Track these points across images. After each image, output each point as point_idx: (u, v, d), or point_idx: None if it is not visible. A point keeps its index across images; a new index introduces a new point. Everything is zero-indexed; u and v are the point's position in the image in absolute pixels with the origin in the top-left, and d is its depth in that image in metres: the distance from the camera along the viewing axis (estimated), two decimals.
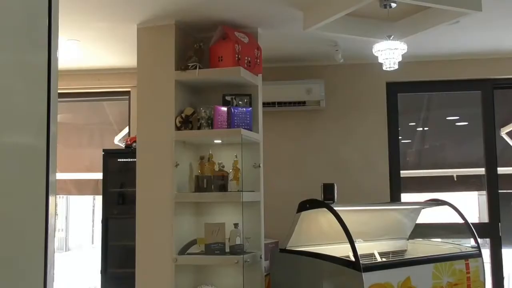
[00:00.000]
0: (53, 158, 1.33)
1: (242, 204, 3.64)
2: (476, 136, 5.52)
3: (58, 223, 15.56)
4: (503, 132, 6.52)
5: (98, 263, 5.06)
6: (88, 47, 4.59)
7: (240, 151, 3.72)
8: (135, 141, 4.34)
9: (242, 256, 3.58)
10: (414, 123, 6.48)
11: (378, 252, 4.00)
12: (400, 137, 5.33)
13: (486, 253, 4.40)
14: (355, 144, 5.18)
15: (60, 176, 6.10)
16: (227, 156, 3.84)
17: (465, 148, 6.70)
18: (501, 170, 5.29)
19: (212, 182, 3.75)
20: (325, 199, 3.73)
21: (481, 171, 5.27)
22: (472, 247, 4.07)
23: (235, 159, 3.77)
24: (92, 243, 15.26)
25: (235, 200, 3.70)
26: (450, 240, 4.60)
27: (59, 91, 1.35)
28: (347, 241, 3.33)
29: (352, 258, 3.33)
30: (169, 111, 3.81)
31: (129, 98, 5.55)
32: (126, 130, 5.76)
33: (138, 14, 3.81)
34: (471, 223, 4.06)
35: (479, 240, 4.00)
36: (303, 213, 3.68)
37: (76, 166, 6.19)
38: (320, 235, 3.84)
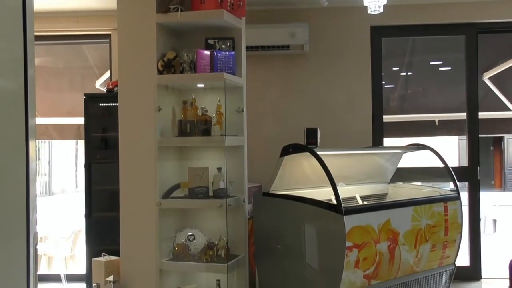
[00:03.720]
0: (31, 102, 1.30)
1: (225, 149, 3.65)
2: (459, 81, 5.53)
3: (41, 168, 15.54)
4: (486, 77, 6.55)
5: (82, 207, 5.09)
6: None
7: (223, 95, 3.69)
8: (116, 86, 4.28)
9: (225, 199, 3.61)
10: (397, 68, 6.48)
11: (359, 196, 4.07)
12: (383, 82, 5.33)
13: (464, 196, 4.50)
14: (339, 89, 5.17)
15: (40, 121, 6.03)
16: (210, 101, 3.81)
17: (448, 93, 6.74)
18: (482, 114, 5.34)
19: (195, 127, 3.73)
20: (308, 143, 3.74)
21: (463, 116, 5.31)
22: (451, 190, 4.15)
23: (218, 104, 3.75)
24: (76, 187, 15.30)
25: (218, 144, 3.70)
26: (430, 184, 4.69)
27: (35, 33, 1.31)
28: (330, 185, 3.38)
29: (334, 202, 3.38)
30: (151, 55, 3.75)
31: (110, 41, 5.44)
32: (107, 74, 5.67)
33: None
34: (451, 167, 4.13)
35: (458, 183, 4.08)
36: (286, 157, 3.70)
37: (57, 111, 6.12)
38: (303, 179, 3.88)
